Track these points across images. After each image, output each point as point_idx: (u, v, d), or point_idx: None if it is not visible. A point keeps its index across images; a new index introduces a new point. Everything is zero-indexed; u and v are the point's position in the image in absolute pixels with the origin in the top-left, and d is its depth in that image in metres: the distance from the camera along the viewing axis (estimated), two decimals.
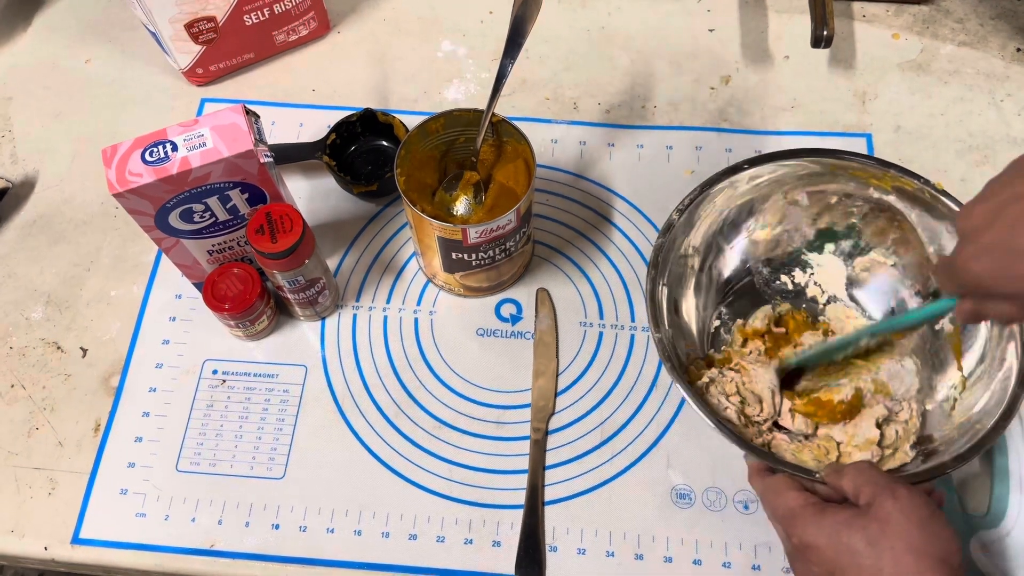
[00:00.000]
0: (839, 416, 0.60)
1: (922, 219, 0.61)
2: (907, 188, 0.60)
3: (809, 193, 0.64)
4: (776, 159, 0.62)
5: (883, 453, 0.59)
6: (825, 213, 0.65)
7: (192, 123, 0.56)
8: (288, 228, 0.58)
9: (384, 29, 0.84)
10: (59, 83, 0.81)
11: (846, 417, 0.60)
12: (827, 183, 0.63)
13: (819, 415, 0.60)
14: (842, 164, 0.61)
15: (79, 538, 0.60)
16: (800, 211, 0.65)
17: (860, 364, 0.63)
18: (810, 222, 0.65)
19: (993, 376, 0.56)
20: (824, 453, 0.59)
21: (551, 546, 0.60)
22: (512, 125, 0.62)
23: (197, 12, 0.73)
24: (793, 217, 0.65)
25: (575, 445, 0.63)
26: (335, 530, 0.60)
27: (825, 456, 0.59)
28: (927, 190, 0.59)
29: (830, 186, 0.63)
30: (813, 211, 0.65)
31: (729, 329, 0.65)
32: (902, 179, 0.60)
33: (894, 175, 0.60)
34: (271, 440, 0.64)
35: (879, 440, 0.59)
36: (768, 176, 0.63)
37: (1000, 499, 0.59)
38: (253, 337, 0.67)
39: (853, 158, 0.61)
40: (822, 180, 0.63)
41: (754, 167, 0.62)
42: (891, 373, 0.62)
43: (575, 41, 0.83)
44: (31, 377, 0.67)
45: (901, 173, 0.60)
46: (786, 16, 0.83)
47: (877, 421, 0.59)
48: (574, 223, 0.73)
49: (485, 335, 0.68)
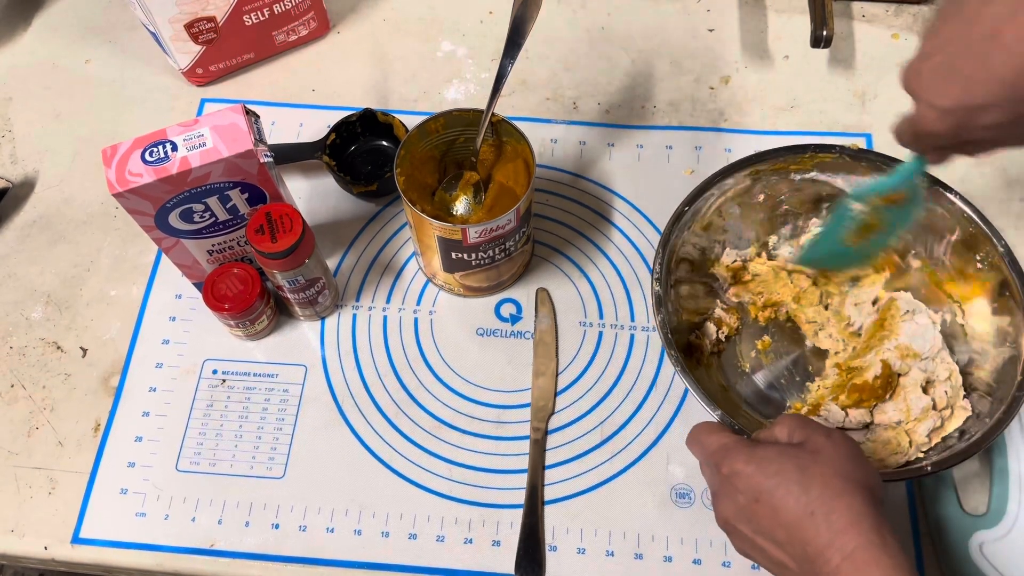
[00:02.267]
0: (880, 392, 0.61)
1: (848, 182, 0.64)
2: (826, 161, 0.63)
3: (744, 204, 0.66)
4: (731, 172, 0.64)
5: (942, 416, 0.59)
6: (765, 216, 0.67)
7: (192, 123, 0.56)
8: (288, 228, 0.58)
9: (384, 29, 0.84)
10: (59, 83, 0.82)
11: (887, 391, 0.61)
12: (762, 189, 0.66)
13: (864, 398, 0.61)
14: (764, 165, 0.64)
15: (79, 538, 0.60)
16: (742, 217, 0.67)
17: (879, 335, 0.63)
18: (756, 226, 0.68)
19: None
20: (896, 445, 0.59)
21: (551, 545, 0.60)
22: (512, 125, 0.62)
23: (197, 12, 0.73)
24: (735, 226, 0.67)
25: (575, 445, 0.63)
26: (335, 530, 0.60)
27: (899, 448, 0.59)
28: (844, 156, 0.62)
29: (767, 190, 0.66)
30: (757, 217, 0.67)
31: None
32: (819, 156, 0.63)
33: (811, 155, 0.63)
34: (271, 440, 0.64)
35: (933, 404, 0.59)
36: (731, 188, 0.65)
37: (1000, 499, 0.59)
38: (253, 337, 0.67)
39: (774, 156, 0.63)
40: (755, 188, 0.65)
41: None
42: (910, 334, 0.62)
43: (575, 41, 0.83)
44: (31, 377, 0.67)
45: (817, 151, 0.63)
46: (786, 16, 0.83)
47: (921, 386, 0.60)
48: (574, 223, 0.73)
49: (485, 335, 0.68)
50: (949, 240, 0.61)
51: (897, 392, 0.61)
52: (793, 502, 0.41)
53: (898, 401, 0.61)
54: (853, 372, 0.62)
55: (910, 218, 0.57)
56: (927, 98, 0.43)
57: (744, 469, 0.44)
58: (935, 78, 0.42)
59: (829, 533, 0.40)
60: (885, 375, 0.61)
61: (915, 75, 0.44)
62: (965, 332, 0.61)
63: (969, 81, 0.40)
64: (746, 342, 0.66)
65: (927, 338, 0.62)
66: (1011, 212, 0.72)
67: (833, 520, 0.40)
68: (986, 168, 0.74)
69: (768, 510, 0.42)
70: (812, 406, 0.63)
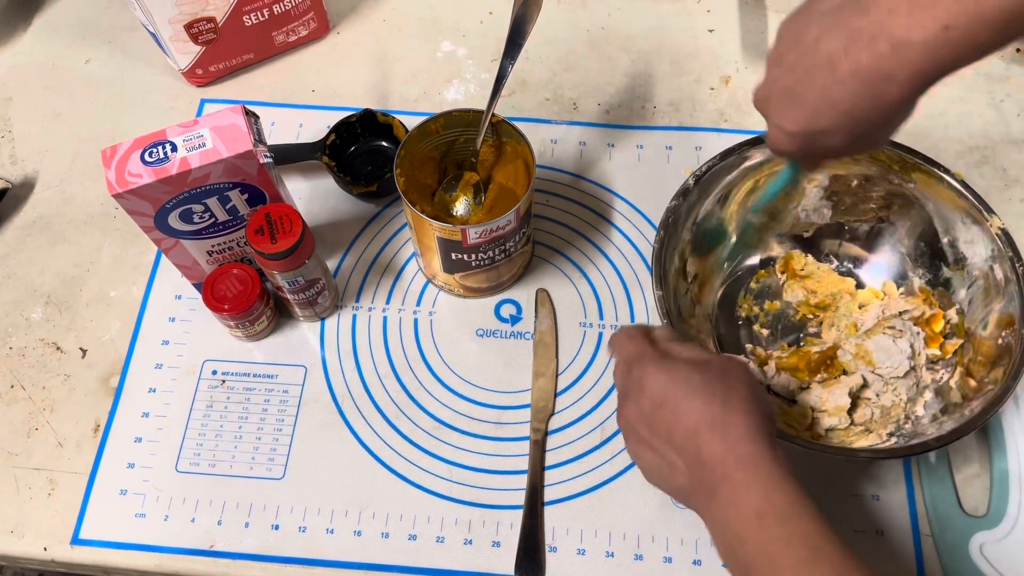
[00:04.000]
0: (813, 367, 0.62)
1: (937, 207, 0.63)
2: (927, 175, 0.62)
3: (832, 176, 0.65)
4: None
5: (851, 420, 0.60)
6: (845, 196, 0.66)
7: (192, 123, 0.56)
8: (288, 229, 0.58)
9: (384, 29, 0.84)
10: (59, 83, 0.82)
11: (818, 371, 0.62)
12: (848, 167, 0.64)
13: (799, 368, 0.63)
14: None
15: (79, 538, 0.60)
16: (819, 192, 0.66)
17: (849, 328, 0.65)
18: (829, 205, 0.67)
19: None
20: (801, 418, 0.61)
21: (551, 546, 0.60)
22: (512, 125, 0.62)
23: (197, 12, 0.73)
24: (812, 198, 0.66)
25: (575, 445, 0.63)
26: (335, 530, 0.60)
27: (801, 421, 0.61)
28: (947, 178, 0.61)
29: (852, 169, 0.64)
30: (832, 192, 0.66)
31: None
32: (923, 167, 0.61)
33: (916, 162, 0.61)
34: (271, 440, 0.64)
35: (850, 409, 0.61)
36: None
37: (1000, 499, 0.59)
38: (253, 338, 0.67)
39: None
40: (843, 164, 0.64)
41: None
42: (879, 345, 0.63)
43: (575, 41, 0.83)
44: (31, 377, 0.67)
45: (922, 160, 0.61)
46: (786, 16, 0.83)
47: (851, 390, 0.61)
48: (574, 223, 0.73)
49: (485, 335, 0.68)
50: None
51: (829, 383, 0.62)
52: (696, 412, 0.44)
53: (824, 389, 0.62)
54: (812, 344, 0.65)
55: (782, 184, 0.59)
56: (776, 121, 0.46)
57: (655, 376, 0.46)
58: (781, 103, 0.45)
59: (725, 442, 0.43)
60: (825, 356, 0.62)
61: (764, 98, 0.47)
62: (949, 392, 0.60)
63: (812, 109, 0.43)
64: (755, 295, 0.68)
65: (892, 360, 0.62)
66: (1011, 212, 0.72)
67: (730, 432, 0.43)
68: (986, 168, 0.74)
69: (670, 415, 0.45)
70: (761, 360, 0.65)
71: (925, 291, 0.64)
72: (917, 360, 0.62)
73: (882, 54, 0.39)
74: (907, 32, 0.38)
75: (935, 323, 0.62)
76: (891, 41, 0.38)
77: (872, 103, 0.41)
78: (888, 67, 0.39)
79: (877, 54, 0.39)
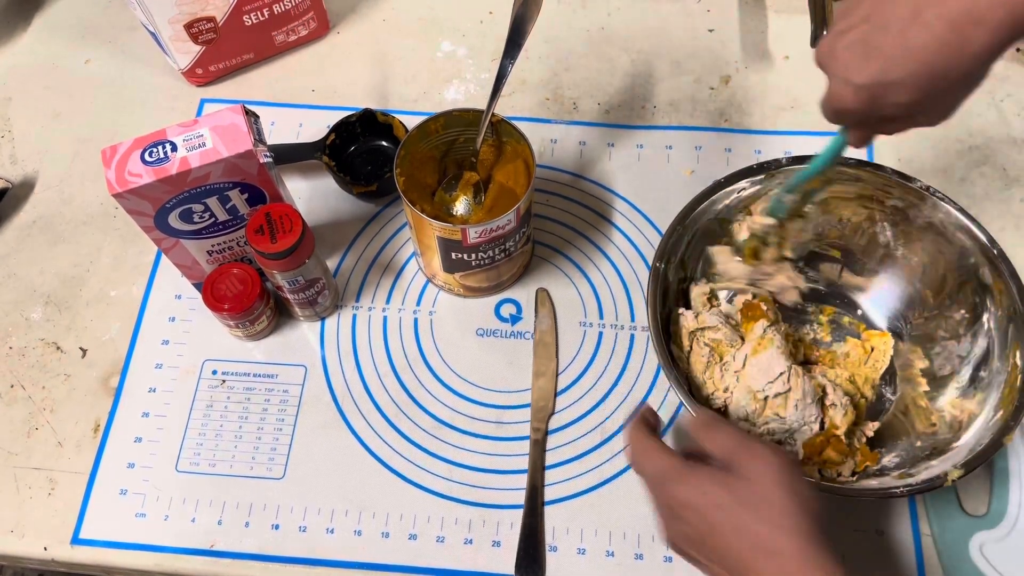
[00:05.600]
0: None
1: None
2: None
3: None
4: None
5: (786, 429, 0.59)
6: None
7: (192, 123, 0.56)
8: (288, 228, 0.58)
9: (384, 29, 0.84)
10: (59, 83, 0.81)
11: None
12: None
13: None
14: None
15: (79, 538, 0.60)
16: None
17: (848, 359, 0.64)
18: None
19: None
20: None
21: (551, 546, 0.60)
22: (512, 125, 0.62)
23: (197, 12, 0.73)
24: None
25: (575, 445, 0.63)
26: (335, 530, 0.60)
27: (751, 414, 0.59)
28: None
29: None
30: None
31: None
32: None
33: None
34: (271, 440, 0.64)
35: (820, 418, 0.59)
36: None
37: (1000, 500, 0.59)
38: (253, 337, 0.67)
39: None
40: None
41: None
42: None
43: (575, 41, 0.83)
44: (31, 377, 0.67)
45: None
46: (786, 16, 0.83)
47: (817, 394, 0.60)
48: (574, 223, 0.73)
49: (485, 335, 0.68)
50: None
51: (790, 396, 0.59)
52: (741, 540, 0.42)
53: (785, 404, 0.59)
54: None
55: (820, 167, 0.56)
56: (843, 74, 0.43)
57: (686, 501, 0.45)
58: (851, 54, 0.42)
59: (781, 570, 0.41)
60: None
61: (829, 52, 0.44)
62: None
63: (886, 58, 0.41)
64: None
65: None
66: (1011, 212, 0.72)
67: (780, 556, 0.41)
68: (986, 168, 0.74)
69: (718, 542, 0.43)
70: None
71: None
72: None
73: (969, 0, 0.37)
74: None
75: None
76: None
77: (956, 51, 0.39)
78: (979, 10, 0.37)
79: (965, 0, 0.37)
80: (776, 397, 0.59)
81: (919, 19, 0.39)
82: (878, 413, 0.62)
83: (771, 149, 0.75)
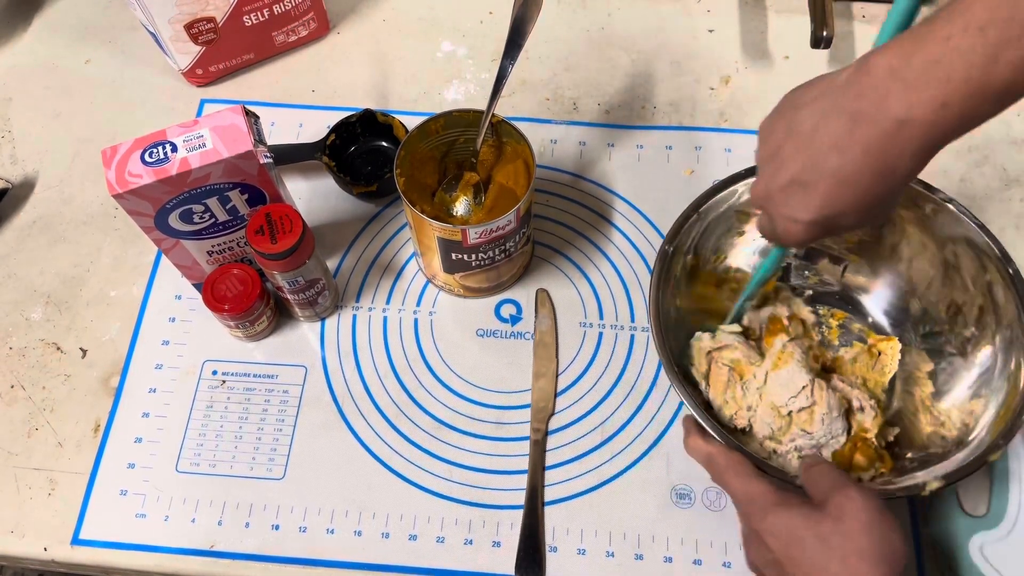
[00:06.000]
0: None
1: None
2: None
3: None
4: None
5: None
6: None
7: (192, 124, 0.56)
8: (288, 229, 0.58)
9: (384, 29, 0.84)
10: (59, 83, 0.81)
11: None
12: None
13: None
14: None
15: (79, 539, 0.60)
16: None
17: (859, 363, 0.63)
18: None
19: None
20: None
21: (551, 546, 0.60)
22: (512, 125, 0.62)
23: (197, 13, 0.73)
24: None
25: (575, 445, 0.63)
26: (335, 530, 0.60)
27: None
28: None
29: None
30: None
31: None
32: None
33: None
34: (271, 440, 0.64)
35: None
36: None
37: (1000, 500, 0.59)
38: (253, 338, 0.67)
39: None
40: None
41: None
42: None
43: (575, 41, 0.83)
44: (31, 377, 0.67)
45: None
46: (786, 16, 0.83)
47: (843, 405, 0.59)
48: (574, 223, 0.73)
49: (485, 336, 0.68)
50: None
51: (816, 410, 0.58)
52: (822, 573, 0.43)
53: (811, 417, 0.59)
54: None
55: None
56: (786, 213, 0.45)
57: (773, 531, 0.46)
58: (789, 195, 0.44)
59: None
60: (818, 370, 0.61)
61: (766, 195, 0.46)
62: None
63: (825, 193, 0.43)
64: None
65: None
66: (1011, 212, 0.72)
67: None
68: (986, 168, 0.74)
69: (796, 573, 0.45)
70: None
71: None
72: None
73: (889, 131, 0.40)
74: (907, 111, 0.39)
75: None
76: (895, 120, 0.39)
77: (887, 176, 0.41)
78: (897, 141, 0.40)
79: (884, 132, 0.40)
80: (801, 412, 0.58)
81: (845, 155, 0.41)
82: (891, 419, 0.61)
83: None
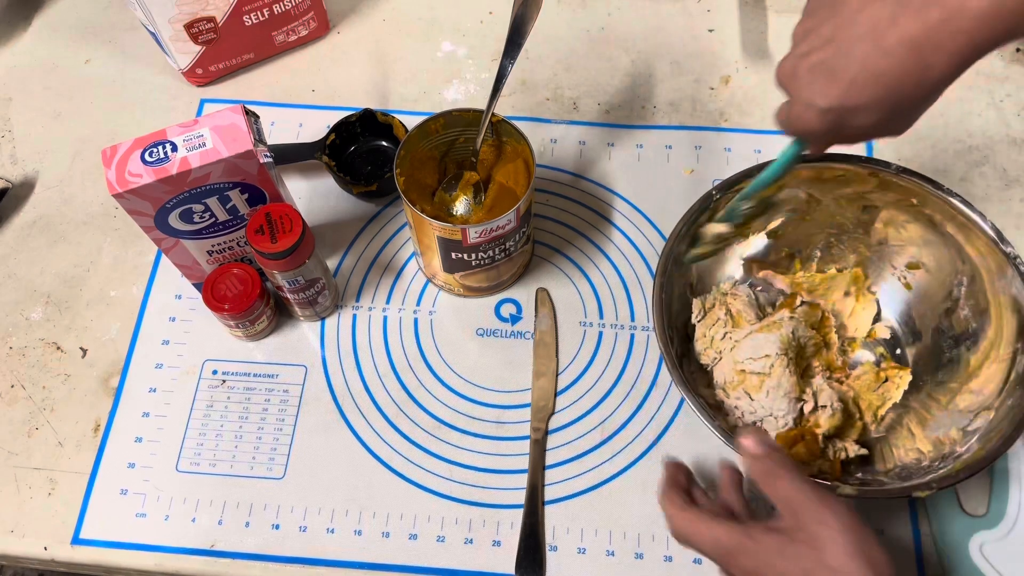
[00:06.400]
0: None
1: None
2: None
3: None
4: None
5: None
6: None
7: (192, 123, 0.56)
8: (288, 228, 0.58)
9: (384, 29, 0.84)
10: (59, 83, 0.82)
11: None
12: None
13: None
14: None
15: (79, 538, 0.60)
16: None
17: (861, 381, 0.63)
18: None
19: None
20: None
21: (551, 546, 0.60)
22: (512, 125, 0.62)
23: (197, 12, 0.73)
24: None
25: (575, 445, 0.63)
26: (335, 530, 0.60)
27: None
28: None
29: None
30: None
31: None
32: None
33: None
34: (271, 440, 0.64)
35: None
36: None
37: (1000, 499, 0.59)
38: (253, 337, 0.67)
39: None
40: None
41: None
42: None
43: (575, 41, 0.83)
44: (31, 377, 0.67)
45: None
46: (786, 16, 0.83)
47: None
48: (574, 223, 0.73)
49: (485, 335, 0.68)
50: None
51: (766, 381, 0.59)
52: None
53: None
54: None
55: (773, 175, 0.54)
56: (807, 97, 0.43)
57: (755, 571, 0.44)
58: (814, 77, 0.42)
59: None
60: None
61: (791, 73, 0.44)
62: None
63: (850, 83, 0.41)
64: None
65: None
66: (1011, 212, 0.72)
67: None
68: (986, 168, 0.74)
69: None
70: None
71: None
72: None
73: (933, 23, 0.37)
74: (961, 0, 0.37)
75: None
76: (945, 8, 0.37)
77: (918, 76, 0.39)
78: (939, 36, 0.37)
79: (928, 22, 0.37)
80: (752, 376, 0.59)
81: (880, 45, 0.39)
82: (867, 442, 0.61)
83: (771, 149, 0.75)
